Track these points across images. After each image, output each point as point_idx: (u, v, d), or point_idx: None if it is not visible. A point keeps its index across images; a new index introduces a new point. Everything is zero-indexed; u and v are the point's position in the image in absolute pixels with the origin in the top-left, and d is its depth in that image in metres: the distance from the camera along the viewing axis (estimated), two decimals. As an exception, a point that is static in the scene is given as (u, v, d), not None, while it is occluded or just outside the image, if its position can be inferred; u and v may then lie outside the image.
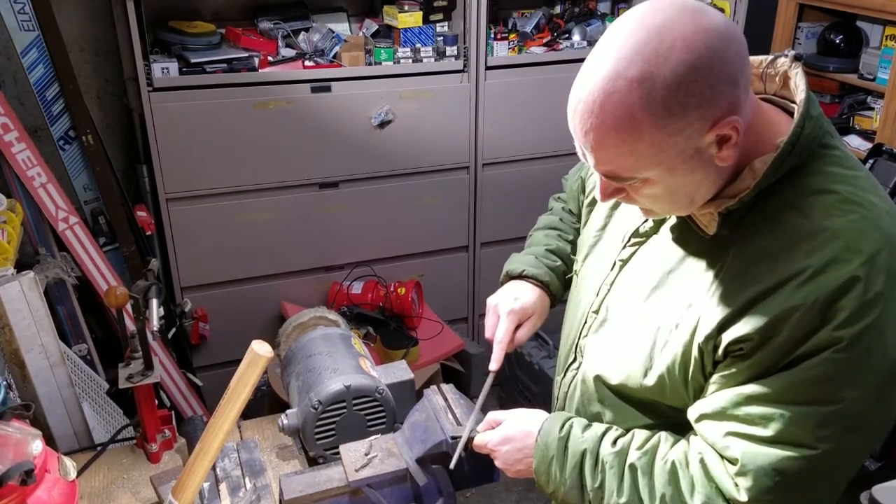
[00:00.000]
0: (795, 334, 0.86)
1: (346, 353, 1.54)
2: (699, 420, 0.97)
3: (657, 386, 1.00)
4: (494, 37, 2.89)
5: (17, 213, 2.09)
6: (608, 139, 0.87)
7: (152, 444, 1.57)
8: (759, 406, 0.89)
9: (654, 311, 1.02)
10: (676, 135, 0.85)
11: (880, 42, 2.74)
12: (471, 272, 3.18)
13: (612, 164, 0.91)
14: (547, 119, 3.01)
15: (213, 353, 2.84)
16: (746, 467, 0.90)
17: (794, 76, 0.97)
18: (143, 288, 1.51)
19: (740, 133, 0.87)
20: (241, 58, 2.59)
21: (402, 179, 2.91)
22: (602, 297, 1.13)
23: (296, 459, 1.55)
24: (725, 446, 0.92)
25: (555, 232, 1.45)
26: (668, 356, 0.98)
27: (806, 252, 0.87)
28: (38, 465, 1.17)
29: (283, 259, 2.84)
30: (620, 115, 0.85)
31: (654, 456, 1.00)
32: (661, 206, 0.98)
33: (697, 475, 0.96)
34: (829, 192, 0.90)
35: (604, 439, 1.04)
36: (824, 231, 0.87)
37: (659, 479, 0.98)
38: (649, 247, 1.07)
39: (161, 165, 2.56)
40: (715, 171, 0.91)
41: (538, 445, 1.08)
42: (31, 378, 1.63)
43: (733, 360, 0.91)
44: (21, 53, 2.39)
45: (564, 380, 1.20)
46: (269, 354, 1.16)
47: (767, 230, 0.91)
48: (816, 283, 0.85)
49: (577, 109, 0.89)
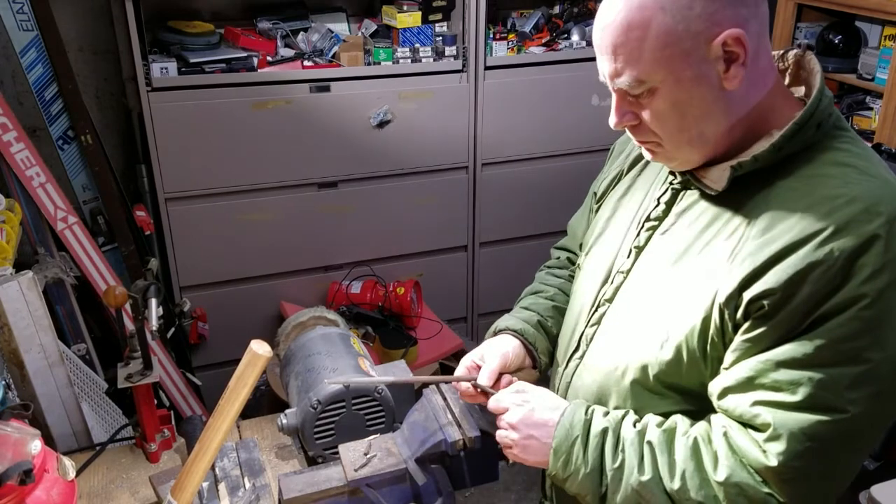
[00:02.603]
0: (818, 290, 0.86)
1: (346, 352, 1.54)
2: (723, 395, 0.96)
3: (674, 359, 0.99)
4: (493, 37, 2.89)
5: (16, 212, 2.08)
6: (620, 30, 0.93)
7: (151, 443, 1.57)
8: (786, 371, 0.89)
9: (671, 286, 1.02)
10: (684, 31, 0.90)
11: (879, 42, 2.74)
12: (470, 272, 3.18)
13: (621, 61, 0.94)
14: (546, 119, 3.01)
15: (212, 352, 2.84)
16: (777, 431, 0.90)
17: (808, 62, 1.02)
18: (141, 288, 1.51)
19: (747, 53, 0.91)
20: (240, 58, 2.59)
21: (401, 179, 2.91)
22: (617, 284, 1.11)
23: (295, 459, 1.55)
24: (755, 415, 0.92)
25: (533, 294, 1.40)
26: (687, 324, 0.98)
27: (826, 213, 0.88)
28: (36, 464, 1.17)
29: (282, 259, 2.84)
30: (634, 5, 0.91)
31: (673, 433, 1.00)
32: (668, 131, 0.98)
33: (722, 449, 0.95)
34: (846, 164, 0.93)
35: (624, 420, 1.04)
36: (843, 196, 0.89)
37: (680, 455, 0.97)
38: (664, 229, 1.07)
39: (160, 165, 2.56)
40: (724, 98, 0.94)
41: (561, 424, 1.06)
42: (29, 378, 1.63)
43: (755, 322, 0.91)
44: (20, 53, 2.39)
45: (566, 370, 1.19)
46: (268, 354, 1.16)
47: (786, 196, 0.93)
48: (837, 240, 0.86)
49: (601, 12, 0.96)
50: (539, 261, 1.49)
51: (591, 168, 3.12)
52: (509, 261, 3.17)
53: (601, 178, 1.30)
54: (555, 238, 1.50)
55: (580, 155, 3.11)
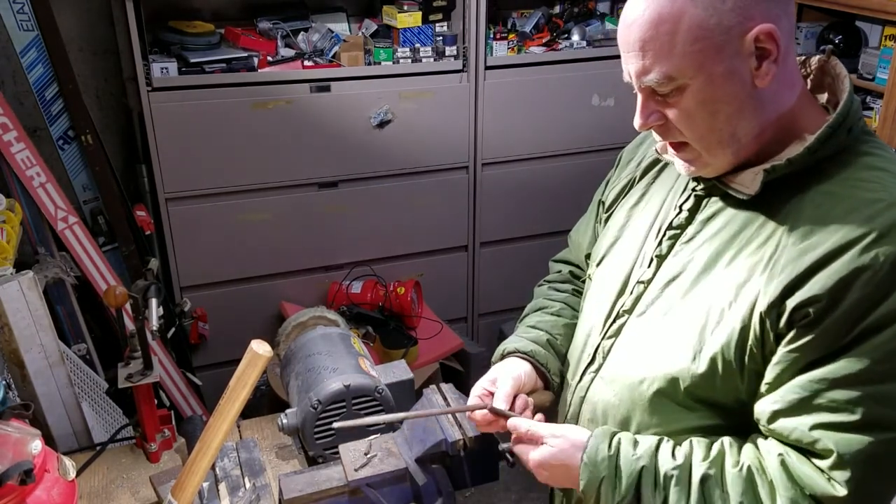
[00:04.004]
0: (866, 297, 0.84)
1: (346, 352, 1.54)
2: (773, 418, 0.91)
3: (708, 372, 0.95)
4: (494, 37, 2.89)
5: (17, 212, 2.08)
6: (649, 25, 0.90)
7: (152, 443, 1.58)
8: (841, 390, 0.85)
9: (702, 296, 0.98)
10: (716, 25, 0.88)
11: (879, 42, 2.74)
12: (470, 272, 3.18)
13: (650, 58, 0.92)
14: (546, 119, 3.01)
15: (212, 352, 2.84)
16: (843, 457, 0.85)
17: (833, 67, 0.99)
18: (142, 287, 1.52)
19: (780, 50, 0.89)
20: (240, 58, 2.59)
21: (401, 179, 2.91)
22: (637, 294, 1.07)
23: (295, 459, 1.55)
24: (814, 440, 0.87)
25: (537, 311, 1.35)
26: (723, 335, 0.94)
27: (867, 218, 0.86)
28: (37, 464, 1.17)
29: (283, 259, 2.84)
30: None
31: (723, 464, 0.94)
32: (698, 132, 0.95)
33: (778, 479, 0.90)
34: (881, 168, 0.91)
35: (660, 453, 0.97)
36: (882, 200, 0.87)
37: (734, 488, 0.92)
38: (689, 237, 1.03)
39: (160, 165, 2.56)
40: (755, 96, 0.92)
41: (585, 465, 0.99)
42: (30, 378, 1.63)
43: (800, 331, 0.87)
44: (20, 53, 2.39)
45: (580, 384, 1.14)
46: (268, 354, 1.17)
47: (822, 201, 0.91)
48: (883, 245, 0.84)
49: (627, 10, 0.93)
50: (539, 261, 1.47)
51: (592, 168, 3.14)
52: (509, 261, 3.17)
53: (609, 188, 1.25)
54: (555, 238, 1.49)
55: (580, 155, 3.11)
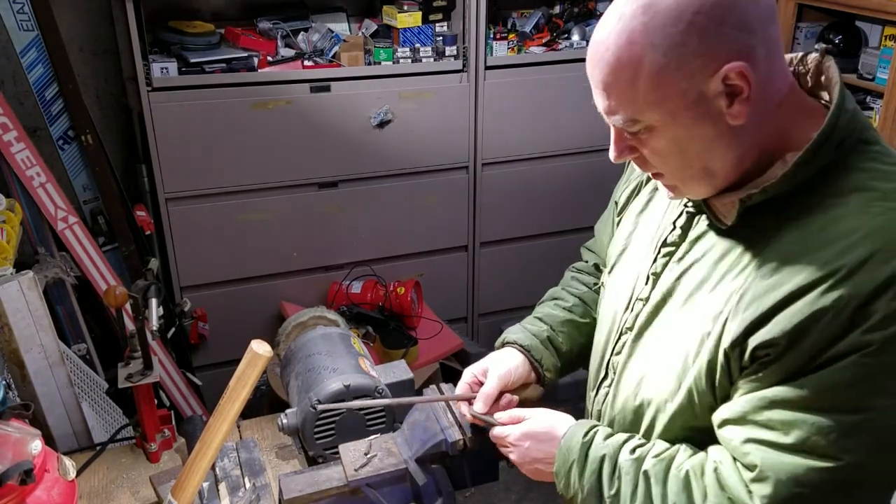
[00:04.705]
0: (823, 337, 0.82)
1: (346, 352, 1.54)
2: (722, 425, 0.93)
3: (687, 401, 0.97)
4: (494, 37, 2.89)
5: (17, 212, 2.09)
6: (610, 70, 0.88)
7: (152, 443, 1.58)
8: (781, 411, 0.86)
9: (686, 324, 0.98)
10: (677, 69, 0.84)
11: (879, 42, 2.74)
12: (470, 272, 3.17)
13: (614, 101, 0.90)
14: (546, 119, 3.01)
15: (212, 352, 2.84)
16: (764, 473, 0.87)
17: (827, 70, 0.93)
18: (142, 287, 1.52)
19: (751, 86, 0.84)
20: (240, 58, 2.59)
21: (401, 179, 2.91)
22: (636, 312, 1.08)
23: (295, 459, 1.55)
24: (745, 452, 0.89)
25: (552, 301, 1.39)
26: (698, 367, 0.94)
27: (839, 252, 0.82)
28: (37, 464, 1.17)
29: (283, 259, 2.84)
30: (623, 42, 0.86)
31: (669, 464, 0.97)
32: (671, 168, 0.93)
33: (711, 484, 0.93)
34: (867, 189, 0.86)
35: (623, 447, 1.02)
36: (859, 230, 0.82)
37: (672, 487, 0.95)
38: (680, 256, 1.02)
39: (160, 165, 2.56)
40: (729, 133, 0.87)
41: (560, 449, 1.06)
42: (30, 378, 1.63)
43: (760, 366, 0.87)
44: (20, 53, 2.39)
45: (597, 398, 1.16)
46: (268, 354, 1.16)
47: (803, 230, 0.87)
48: (848, 284, 0.81)
49: (592, 43, 0.91)
50: (539, 261, 1.48)
51: (592, 168, 3.14)
52: (510, 261, 3.17)
53: (621, 189, 1.24)
54: (555, 238, 1.48)
55: (581, 155, 3.11)
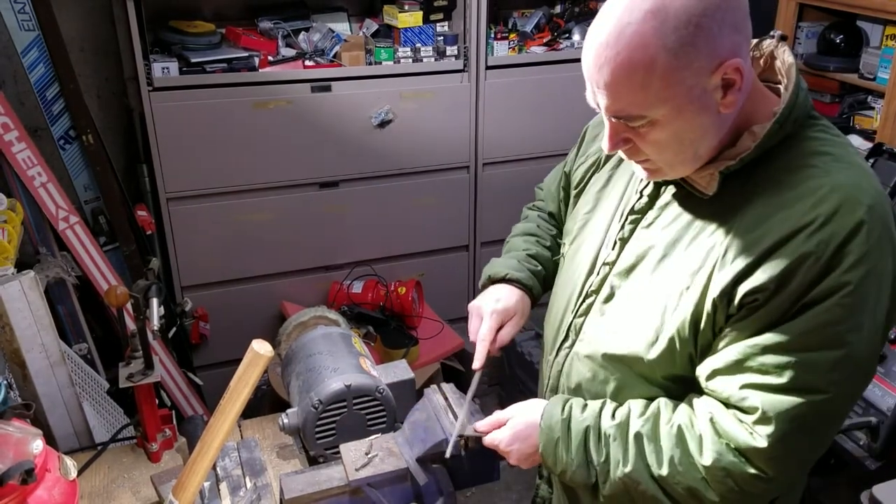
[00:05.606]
0: (807, 280, 0.90)
1: (347, 352, 1.54)
2: (711, 377, 0.99)
3: (667, 351, 1.02)
4: (494, 36, 2.89)
5: (18, 212, 2.09)
6: (622, 71, 0.91)
7: (153, 443, 1.58)
8: (772, 356, 0.93)
9: (661, 282, 1.04)
10: (686, 68, 0.89)
11: (880, 42, 2.73)
12: (471, 271, 3.18)
13: (623, 101, 0.94)
14: (547, 118, 3.01)
15: (213, 352, 2.85)
16: (767, 414, 0.93)
17: (782, 53, 1.03)
18: (143, 287, 1.52)
19: (744, 78, 0.92)
20: (241, 57, 2.59)
21: (402, 179, 2.91)
22: (602, 276, 1.14)
23: (296, 459, 1.55)
24: (743, 398, 0.95)
25: (533, 238, 1.48)
26: (679, 318, 1.01)
27: (813, 204, 0.91)
28: (38, 464, 1.17)
29: (284, 258, 2.85)
30: (635, 45, 0.89)
31: (657, 421, 1.03)
32: (665, 156, 0.99)
33: (707, 433, 0.99)
34: (824, 153, 0.97)
35: (602, 413, 1.07)
36: (825, 185, 0.93)
37: (666, 442, 1.01)
38: (648, 222, 1.09)
39: (161, 165, 2.56)
40: (718, 120, 0.95)
41: (542, 430, 1.11)
42: (31, 377, 1.63)
43: (747, 311, 0.95)
44: (21, 53, 2.39)
45: (557, 359, 1.22)
46: (269, 354, 1.17)
47: (773, 190, 0.96)
48: (827, 230, 0.90)
49: (594, 45, 0.94)
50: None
51: (593, 168, 3.11)
52: (510, 260, 3.16)
53: (575, 163, 1.32)
54: (555, 238, 1.53)
55: (581, 155, 3.11)
